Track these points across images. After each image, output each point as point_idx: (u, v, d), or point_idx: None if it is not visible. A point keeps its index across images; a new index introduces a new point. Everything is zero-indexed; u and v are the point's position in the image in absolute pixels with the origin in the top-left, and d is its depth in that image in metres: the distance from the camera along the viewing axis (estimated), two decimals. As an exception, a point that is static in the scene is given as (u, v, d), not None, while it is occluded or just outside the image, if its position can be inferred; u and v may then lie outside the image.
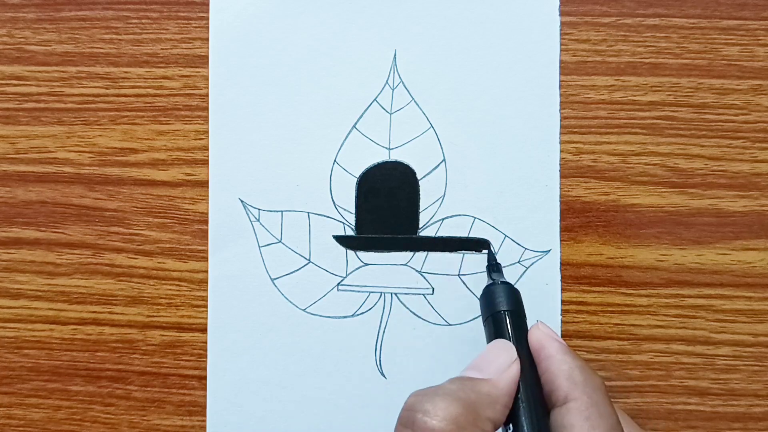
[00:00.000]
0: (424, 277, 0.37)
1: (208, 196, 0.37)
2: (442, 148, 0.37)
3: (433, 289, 0.37)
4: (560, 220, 0.36)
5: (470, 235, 0.37)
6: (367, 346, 0.37)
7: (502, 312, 0.30)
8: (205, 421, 0.37)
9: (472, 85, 0.37)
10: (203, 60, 0.38)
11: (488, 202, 0.37)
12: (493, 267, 0.33)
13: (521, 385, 0.27)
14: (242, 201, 0.37)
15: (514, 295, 0.31)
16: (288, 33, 0.37)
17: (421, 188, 0.37)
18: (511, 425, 0.26)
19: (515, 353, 0.28)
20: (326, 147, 0.37)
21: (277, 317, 0.37)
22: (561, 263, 0.36)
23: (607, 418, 0.25)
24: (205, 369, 0.37)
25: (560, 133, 0.36)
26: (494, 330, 0.30)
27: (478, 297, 0.32)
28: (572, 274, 0.36)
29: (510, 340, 0.29)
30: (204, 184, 0.38)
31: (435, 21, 0.37)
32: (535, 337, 0.28)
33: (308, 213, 0.37)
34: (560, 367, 0.27)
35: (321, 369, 0.37)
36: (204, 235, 0.37)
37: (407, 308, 0.37)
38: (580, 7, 0.37)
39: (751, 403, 0.36)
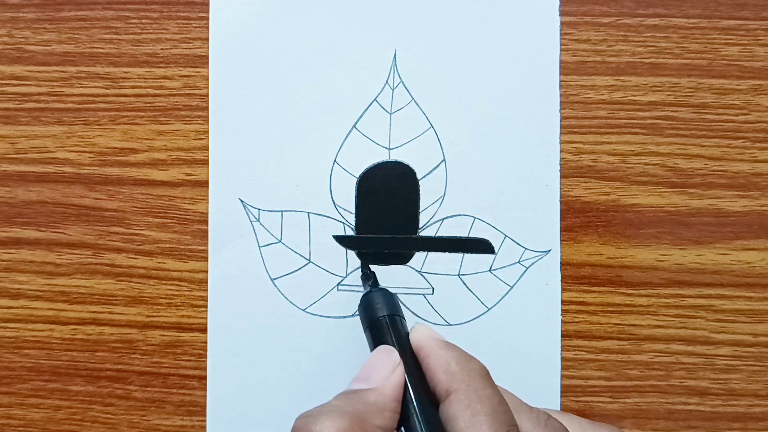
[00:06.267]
0: (424, 277, 0.37)
1: (208, 196, 0.37)
2: (442, 148, 0.37)
3: (433, 289, 0.37)
4: (560, 220, 0.36)
5: (470, 235, 0.37)
6: (367, 346, 0.37)
7: (381, 318, 0.30)
8: (205, 421, 0.37)
9: (472, 85, 0.37)
10: (203, 60, 0.38)
11: (488, 202, 0.37)
12: (367, 275, 0.34)
13: (409, 388, 0.27)
14: (242, 201, 0.37)
15: (391, 300, 0.31)
16: (288, 33, 0.37)
17: (421, 188, 0.37)
18: (403, 429, 0.26)
19: (398, 357, 0.28)
20: (326, 147, 0.37)
21: (277, 317, 0.37)
22: (561, 263, 0.36)
23: (487, 402, 0.25)
24: (205, 369, 0.37)
25: (560, 133, 0.36)
26: (375, 337, 0.30)
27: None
28: (572, 274, 0.36)
29: (392, 345, 0.29)
30: (204, 184, 0.38)
31: (435, 21, 0.37)
32: (414, 338, 0.28)
33: (308, 213, 0.37)
34: (438, 361, 0.27)
35: (321, 369, 0.37)
36: (204, 235, 0.38)
37: (407, 308, 0.37)
38: (580, 7, 0.37)
39: (751, 403, 0.36)
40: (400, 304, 0.31)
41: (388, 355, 0.28)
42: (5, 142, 0.39)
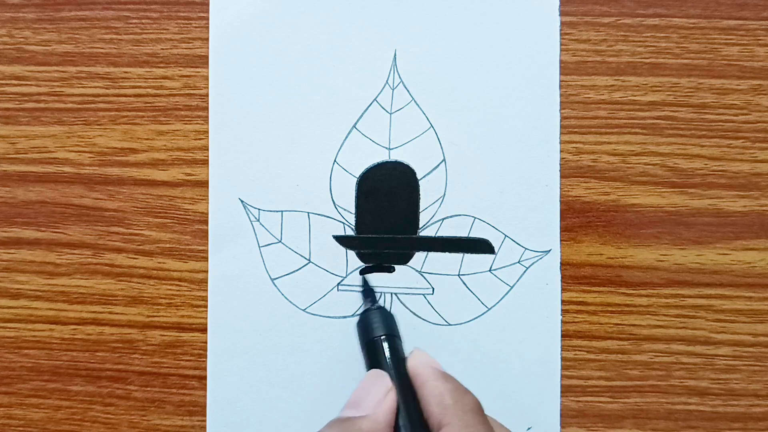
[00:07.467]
0: (424, 277, 0.37)
1: (208, 196, 0.37)
2: (442, 148, 0.37)
3: (433, 289, 0.37)
4: (560, 220, 0.36)
5: (470, 235, 0.37)
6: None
7: (378, 338, 0.30)
8: (205, 421, 0.37)
9: (472, 85, 0.37)
10: (203, 60, 0.38)
11: (488, 202, 0.37)
12: (368, 292, 0.34)
13: (402, 414, 0.27)
14: (242, 201, 0.37)
15: (388, 320, 0.31)
16: (288, 33, 0.37)
17: (421, 188, 0.37)
18: None
19: (389, 382, 0.28)
20: (326, 147, 0.37)
21: (277, 317, 0.37)
22: (561, 263, 0.36)
23: None
24: (205, 369, 0.37)
25: (560, 133, 0.36)
26: (370, 358, 0.30)
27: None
28: (572, 274, 0.36)
29: (387, 367, 0.29)
30: (204, 184, 0.38)
31: (435, 21, 0.37)
32: (411, 365, 0.28)
33: (308, 213, 0.37)
34: (432, 392, 0.27)
35: (321, 369, 0.37)
36: (204, 235, 0.38)
37: (407, 308, 0.37)
38: (580, 7, 0.37)
39: (751, 403, 0.36)
40: (398, 326, 0.32)
41: (380, 380, 0.28)
42: (5, 142, 0.39)
